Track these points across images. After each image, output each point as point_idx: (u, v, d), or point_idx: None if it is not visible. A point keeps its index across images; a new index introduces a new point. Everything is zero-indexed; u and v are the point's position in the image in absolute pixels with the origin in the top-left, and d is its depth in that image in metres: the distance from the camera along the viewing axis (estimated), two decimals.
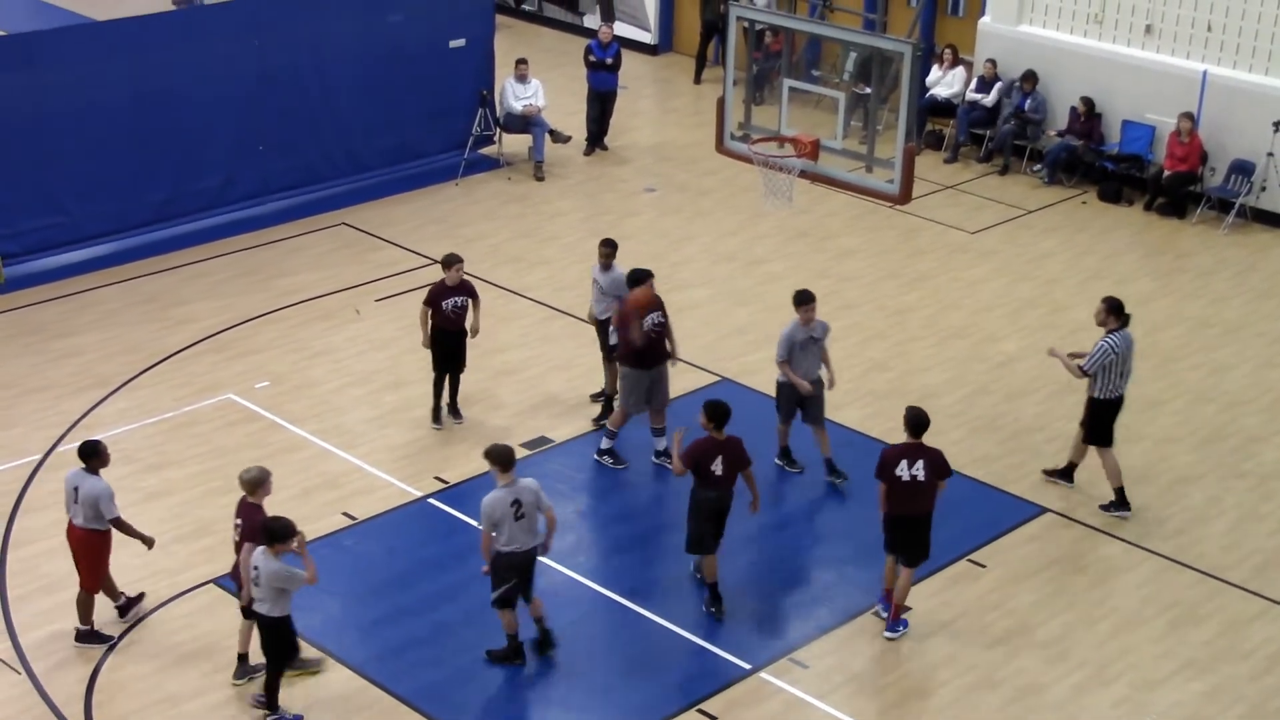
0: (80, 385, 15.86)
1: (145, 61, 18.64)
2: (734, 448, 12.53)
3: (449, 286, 14.83)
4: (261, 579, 11.16)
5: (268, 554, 11.15)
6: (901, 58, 14.02)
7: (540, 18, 28.51)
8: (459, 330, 14.98)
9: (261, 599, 11.23)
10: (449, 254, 15.12)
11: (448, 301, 14.84)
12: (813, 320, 14.20)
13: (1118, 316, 14.04)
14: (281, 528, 11.19)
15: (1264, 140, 20.06)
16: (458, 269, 14.85)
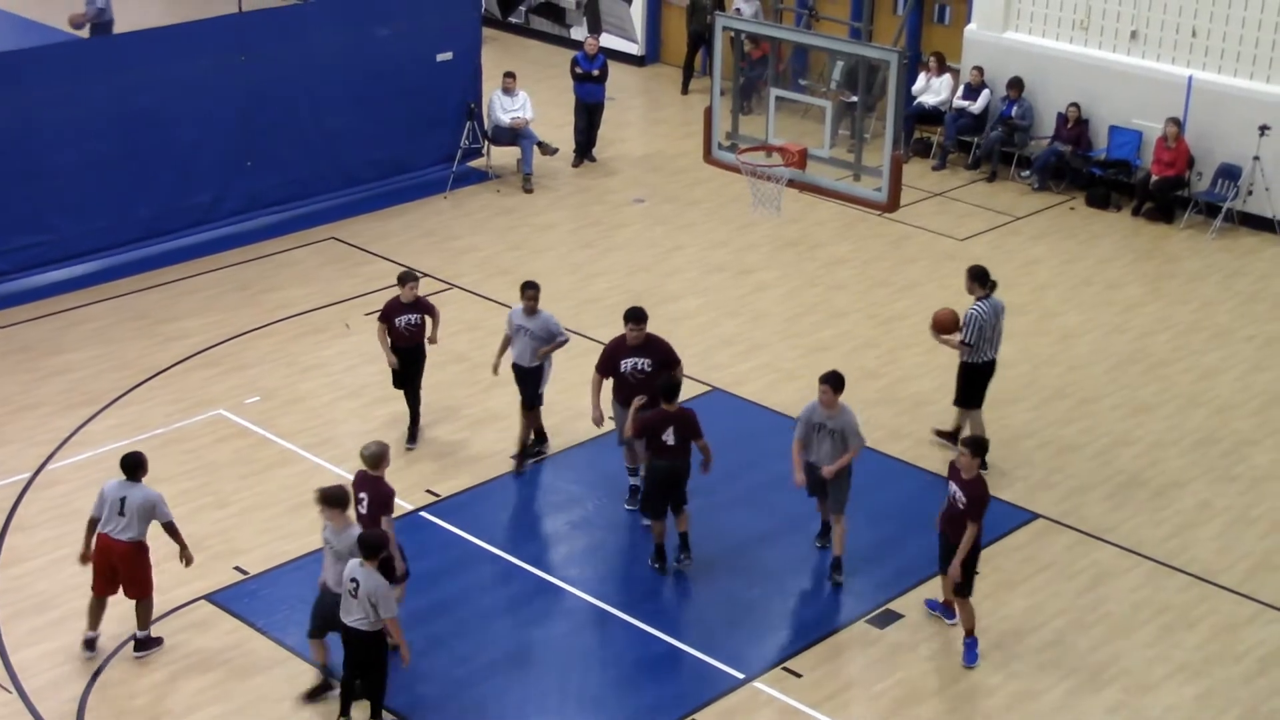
0: (70, 403, 15.84)
1: (133, 78, 18.65)
2: (686, 419, 13.07)
3: (403, 304, 14.73)
4: (361, 592, 10.97)
5: (367, 568, 10.98)
6: (888, 66, 14.05)
7: (527, 30, 28.54)
8: (414, 347, 14.90)
9: (360, 614, 11.02)
10: (404, 271, 15.03)
11: (401, 319, 14.75)
12: (835, 406, 12.88)
13: (983, 284, 14.60)
14: (379, 541, 11.13)
15: (1250, 144, 20.12)
16: (412, 287, 14.71)
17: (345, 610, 11.14)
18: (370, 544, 11.07)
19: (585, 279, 18.93)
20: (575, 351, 16.77)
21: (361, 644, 11.19)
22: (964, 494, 11.95)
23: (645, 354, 13.79)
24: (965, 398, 14.87)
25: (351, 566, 11.09)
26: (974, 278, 14.65)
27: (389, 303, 14.88)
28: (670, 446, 13.01)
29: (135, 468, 12.03)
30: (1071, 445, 15.42)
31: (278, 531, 13.77)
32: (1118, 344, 17.52)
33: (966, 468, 12.00)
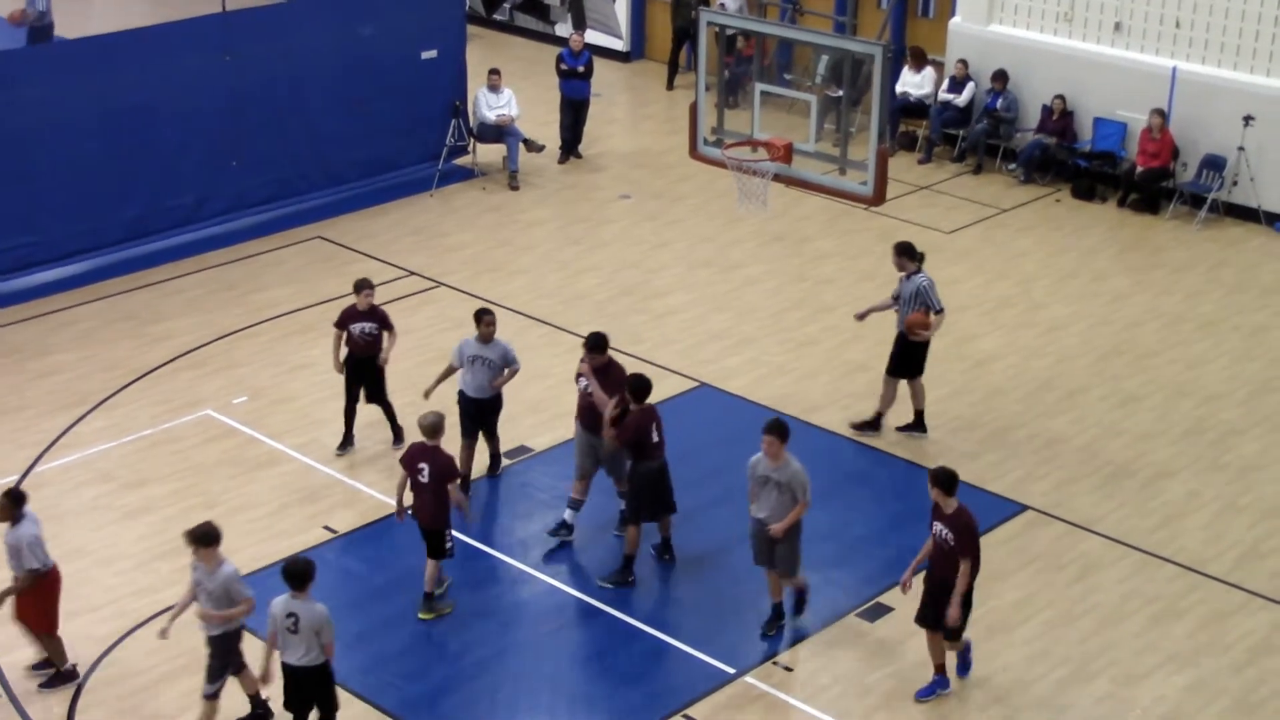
0: (58, 404, 15.81)
1: (117, 79, 18.60)
2: (658, 415, 13.13)
3: (359, 311, 14.56)
4: (303, 625, 10.59)
5: (302, 598, 10.61)
6: (872, 60, 14.06)
7: (512, 27, 28.51)
8: (369, 357, 14.68)
9: (304, 649, 10.66)
10: (360, 279, 14.82)
11: (356, 326, 14.58)
12: (780, 457, 12.07)
13: (913, 257, 14.83)
14: (307, 569, 10.67)
15: (1234, 135, 20.16)
16: (367, 295, 14.53)
17: (286, 649, 10.70)
18: (298, 573, 10.60)
19: (572, 275, 18.93)
20: (561, 347, 16.80)
21: (310, 680, 10.81)
22: (950, 530, 11.31)
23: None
24: (910, 369, 15.06)
25: (285, 602, 10.62)
26: (904, 253, 14.87)
27: (345, 310, 14.71)
28: (656, 444, 13.03)
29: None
30: (1060, 437, 15.46)
31: (266, 531, 13.76)
32: (1105, 335, 17.56)
33: (945, 503, 11.42)
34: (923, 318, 14.78)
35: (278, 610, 10.71)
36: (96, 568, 13.20)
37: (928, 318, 14.79)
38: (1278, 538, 13.90)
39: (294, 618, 10.62)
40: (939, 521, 11.46)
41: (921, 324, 14.79)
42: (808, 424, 15.59)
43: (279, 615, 10.71)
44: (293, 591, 10.65)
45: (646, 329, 17.55)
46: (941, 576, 11.49)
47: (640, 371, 13.38)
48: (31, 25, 24.38)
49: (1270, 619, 12.80)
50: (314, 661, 10.73)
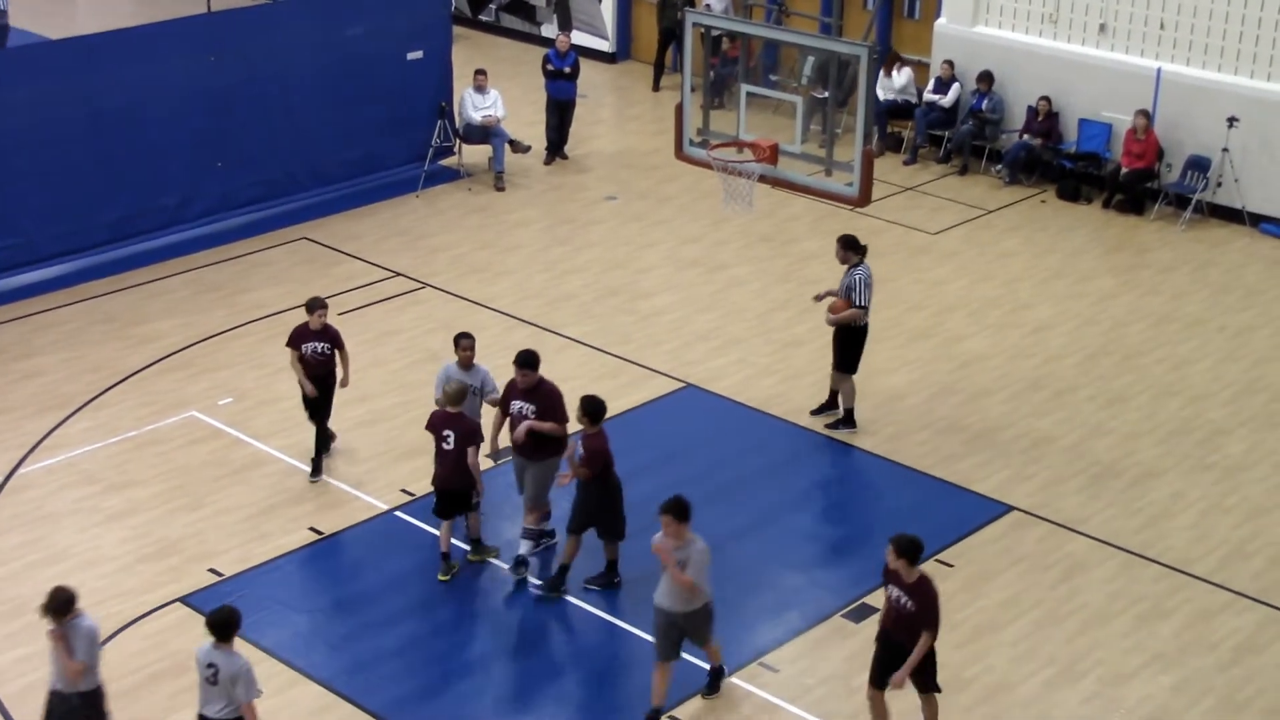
0: (42, 406, 15.75)
1: (101, 79, 18.54)
2: None
3: (311, 330, 14.19)
4: (222, 677, 10.04)
5: (224, 649, 10.07)
6: (858, 61, 14.07)
7: (497, 28, 28.49)
8: (321, 376, 14.30)
9: (223, 702, 10.07)
10: (312, 298, 14.41)
11: (308, 346, 14.20)
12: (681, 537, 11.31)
13: (857, 250, 14.92)
14: (231, 618, 10.10)
15: (1219, 136, 20.20)
16: (320, 314, 14.13)
17: (204, 701, 10.18)
18: (222, 622, 10.07)
19: (558, 276, 18.91)
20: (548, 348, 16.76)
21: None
22: (911, 600, 10.76)
23: (532, 400, 12.94)
24: (850, 362, 15.18)
25: (207, 651, 10.09)
26: (848, 246, 14.95)
27: (296, 329, 14.36)
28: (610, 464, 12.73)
29: None
30: (1046, 437, 15.47)
31: (252, 533, 13.73)
32: (1091, 335, 17.59)
33: (906, 572, 10.66)
34: (841, 304, 14.88)
35: (199, 658, 10.17)
36: (80, 570, 13.14)
37: (846, 306, 14.85)
38: (1263, 538, 13.93)
39: (214, 668, 10.07)
40: (896, 587, 10.75)
41: (835, 309, 14.90)
42: (794, 425, 15.60)
43: (200, 664, 10.15)
44: (215, 641, 10.08)
45: (633, 330, 17.54)
46: (898, 641, 10.82)
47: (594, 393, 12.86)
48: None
49: (1255, 618, 12.83)
50: (230, 716, 10.12)
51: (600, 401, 12.67)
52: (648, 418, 15.74)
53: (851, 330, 15.04)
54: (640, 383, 16.29)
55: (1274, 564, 13.55)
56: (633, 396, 16.02)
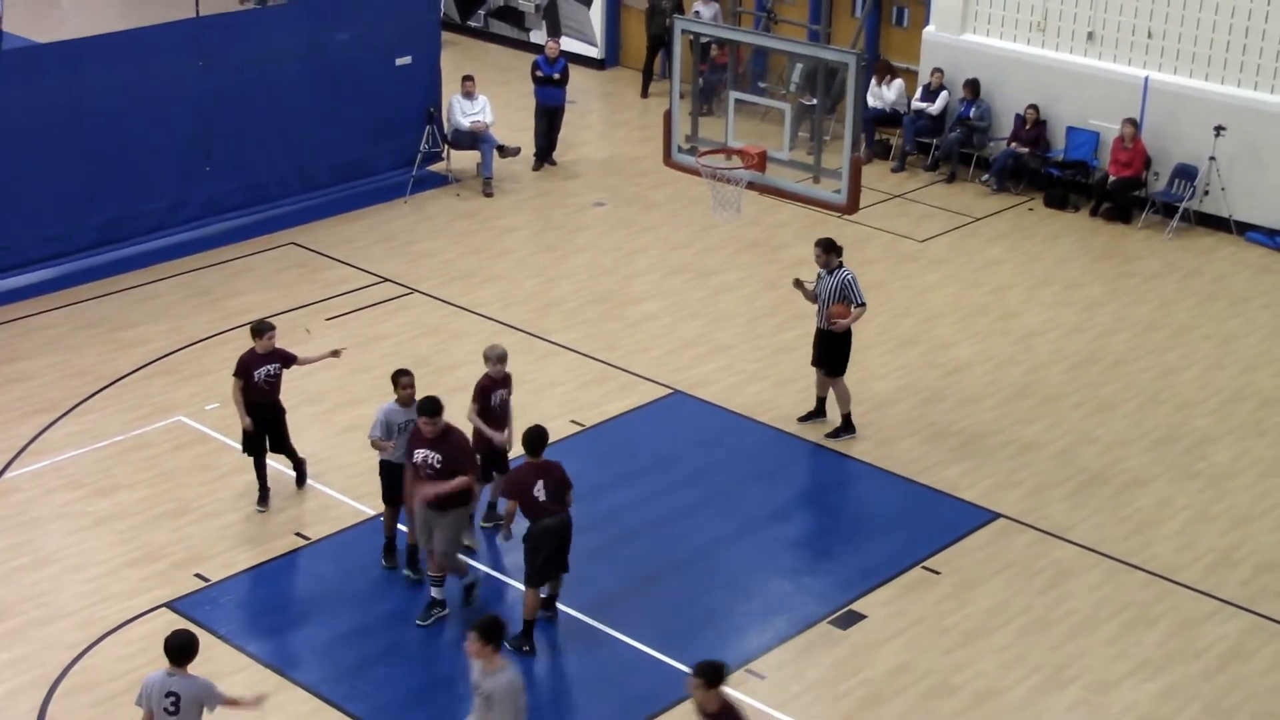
0: (28, 410, 15.71)
1: (90, 83, 18.50)
2: (556, 471, 12.15)
3: (260, 355, 13.61)
4: (184, 703, 9.63)
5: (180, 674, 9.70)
6: (846, 68, 14.09)
7: (486, 34, 28.49)
8: (273, 403, 13.81)
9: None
10: (259, 321, 13.85)
11: (259, 371, 13.61)
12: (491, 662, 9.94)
13: (837, 252, 14.97)
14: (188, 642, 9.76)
15: (1206, 145, 20.26)
16: (269, 336, 13.59)
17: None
18: (180, 646, 9.68)
19: (547, 282, 18.91)
20: (535, 354, 16.78)
21: None
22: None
23: (438, 449, 12.20)
24: (839, 364, 15.22)
25: (162, 681, 9.65)
26: (828, 249, 14.96)
27: (244, 357, 13.71)
28: (543, 503, 12.05)
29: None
30: (1033, 444, 15.49)
31: (238, 538, 13.69)
32: (1078, 343, 17.62)
33: (705, 701, 9.54)
34: (843, 308, 14.93)
35: (154, 689, 9.68)
36: (66, 574, 13.11)
37: (848, 310, 14.90)
38: (1249, 546, 13.96)
39: (173, 696, 9.62)
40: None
41: (840, 314, 14.93)
42: (781, 431, 15.60)
43: (156, 695, 9.67)
44: (171, 667, 9.68)
45: (620, 336, 17.54)
46: None
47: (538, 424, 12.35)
48: None
49: (1241, 626, 12.85)
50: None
51: (536, 433, 12.08)
52: (635, 424, 15.75)
53: (836, 334, 15.07)
54: (628, 389, 16.29)
55: (1260, 571, 13.58)
56: (620, 402, 16.02)
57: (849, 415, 15.42)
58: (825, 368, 15.34)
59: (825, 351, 15.27)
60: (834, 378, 15.32)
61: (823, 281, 15.09)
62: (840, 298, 14.95)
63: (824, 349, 15.28)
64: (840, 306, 14.96)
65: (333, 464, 14.87)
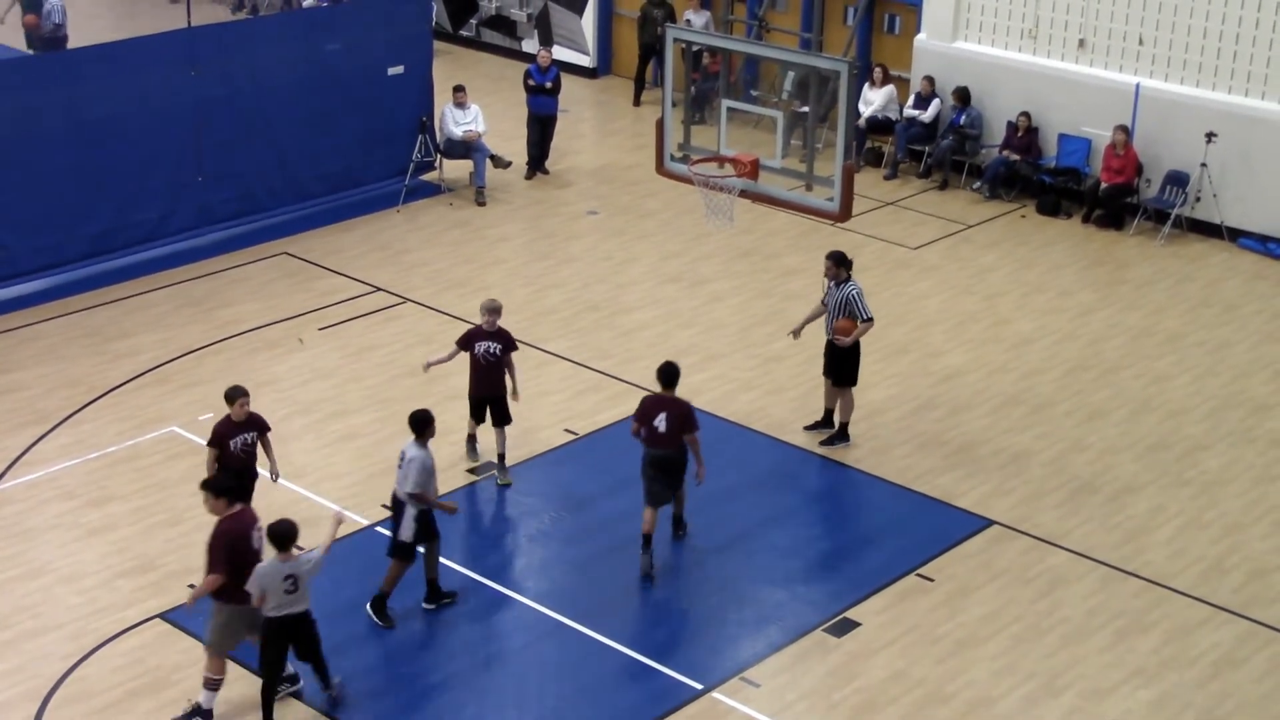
0: (20, 421, 15.69)
1: (83, 93, 18.49)
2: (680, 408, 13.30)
3: (235, 423, 12.99)
4: (301, 582, 11.20)
5: (292, 559, 11.20)
6: (838, 76, 14.10)
7: (479, 43, 28.51)
8: (249, 470, 13.15)
9: (301, 602, 11.27)
10: (232, 387, 13.11)
11: (235, 440, 12.97)
12: None
13: (846, 266, 15.03)
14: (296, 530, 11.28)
15: (1197, 151, 20.30)
16: (243, 403, 12.96)
17: (291, 606, 11.23)
18: (284, 533, 11.18)
19: (540, 291, 18.91)
20: (528, 363, 16.78)
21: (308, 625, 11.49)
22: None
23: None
24: (850, 375, 15.25)
25: (275, 569, 11.09)
26: (838, 262, 15.02)
27: (219, 425, 13.09)
28: (660, 434, 13.14)
29: None
30: (1025, 452, 15.51)
31: None
32: (1070, 350, 17.64)
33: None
34: (849, 324, 14.92)
35: (271, 577, 11.13)
36: (59, 585, 13.10)
37: (854, 325, 14.89)
38: (1241, 552, 13.98)
39: (291, 579, 11.17)
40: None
41: (845, 330, 14.92)
42: (775, 439, 15.61)
43: (273, 582, 11.13)
44: (280, 554, 11.12)
45: (613, 345, 17.55)
46: None
47: (671, 361, 13.58)
48: (45, 36, 24.59)
49: (1234, 633, 12.86)
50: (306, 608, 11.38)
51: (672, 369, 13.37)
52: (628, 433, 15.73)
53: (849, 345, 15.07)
54: (621, 398, 16.29)
55: (1253, 578, 13.60)
56: (613, 411, 16.02)
57: (846, 425, 15.45)
58: (834, 377, 15.36)
59: (833, 362, 15.30)
60: (842, 387, 15.33)
61: (831, 294, 15.10)
62: (846, 313, 14.94)
63: (832, 359, 15.31)
64: (846, 322, 14.96)
65: (325, 473, 14.87)
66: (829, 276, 15.09)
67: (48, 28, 24.84)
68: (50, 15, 24.66)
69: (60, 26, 24.91)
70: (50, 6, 24.76)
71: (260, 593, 11.16)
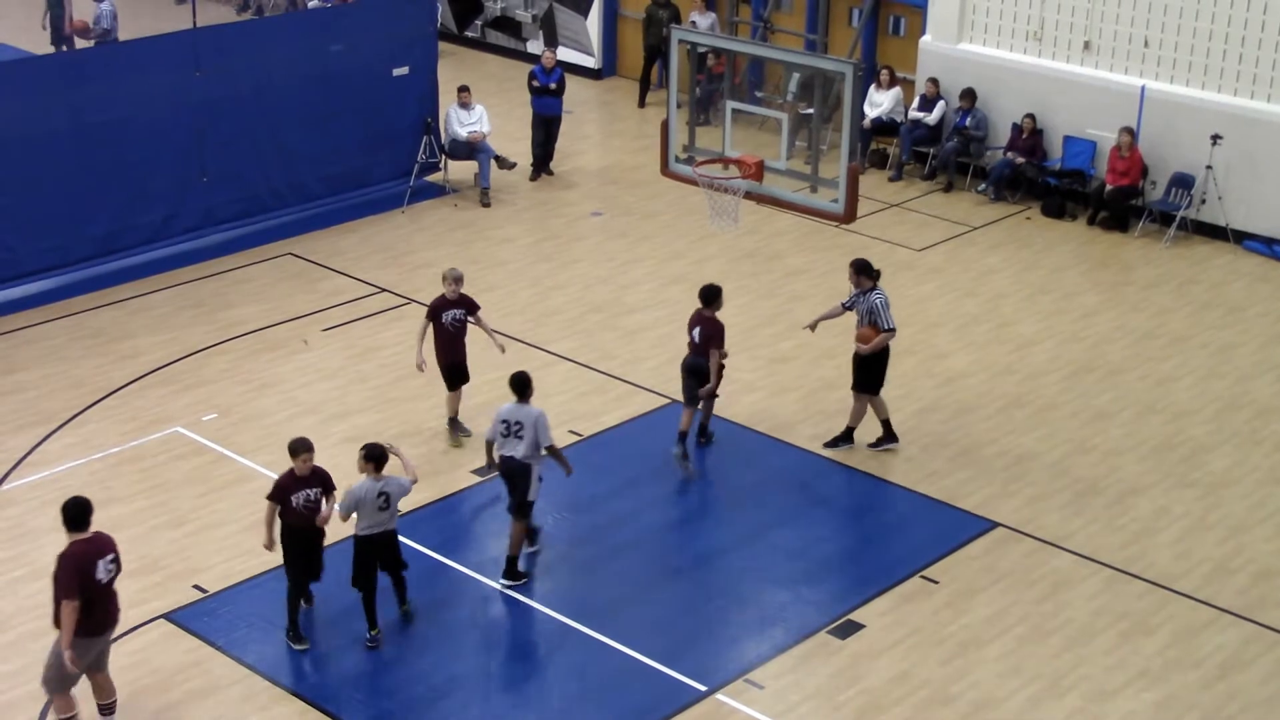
0: (24, 422, 15.70)
1: (87, 94, 18.51)
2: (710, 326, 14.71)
3: (298, 478, 12.17)
4: (392, 500, 12.21)
5: (382, 478, 12.10)
6: (843, 78, 14.10)
7: (484, 44, 28.53)
8: (313, 528, 12.32)
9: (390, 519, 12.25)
10: (296, 440, 12.25)
11: (298, 496, 12.16)
12: None
13: (870, 275, 14.94)
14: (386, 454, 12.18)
15: (1203, 153, 20.28)
16: (306, 458, 12.11)
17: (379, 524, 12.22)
18: (379, 455, 12.13)
19: (544, 292, 18.91)
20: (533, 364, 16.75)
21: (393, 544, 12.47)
22: None
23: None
24: (873, 382, 15.13)
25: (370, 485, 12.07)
26: (861, 270, 14.94)
27: (282, 478, 12.23)
28: (693, 344, 14.60)
29: None
30: (1029, 453, 15.49)
31: (236, 549, 13.68)
32: (1074, 352, 17.63)
33: None
34: (870, 332, 14.86)
35: (366, 494, 12.09)
36: None
37: (875, 333, 14.83)
38: (1246, 554, 13.96)
39: (384, 496, 12.15)
40: None
41: (865, 338, 14.86)
42: (779, 441, 15.60)
43: (368, 498, 12.09)
44: (374, 474, 12.07)
45: (617, 346, 17.54)
46: None
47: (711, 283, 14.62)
48: (96, 40, 24.72)
49: (1239, 635, 12.84)
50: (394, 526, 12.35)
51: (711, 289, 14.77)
52: (633, 434, 15.74)
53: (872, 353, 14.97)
54: (625, 399, 16.29)
55: (1258, 580, 13.58)
56: (617, 413, 16.02)
57: (889, 421, 15.36)
58: (857, 384, 15.18)
59: (857, 369, 15.14)
60: (870, 394, 15.19)
61: (856, 300, 15.03)
62: (870, 321, 14.88)
63: (856, 366, 15.15)
64: (868, 330, 14.88)
65: None
66: (852, 284, 14.97)
67: (97, 31, 24.94)
68: (100, 19, 24.72)
69: (110, 31, 24.97)
70: (100, 11, 24.80)
71: (351, 511, 12.10)
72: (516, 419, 13.03)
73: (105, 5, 25.03)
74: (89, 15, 25.30)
